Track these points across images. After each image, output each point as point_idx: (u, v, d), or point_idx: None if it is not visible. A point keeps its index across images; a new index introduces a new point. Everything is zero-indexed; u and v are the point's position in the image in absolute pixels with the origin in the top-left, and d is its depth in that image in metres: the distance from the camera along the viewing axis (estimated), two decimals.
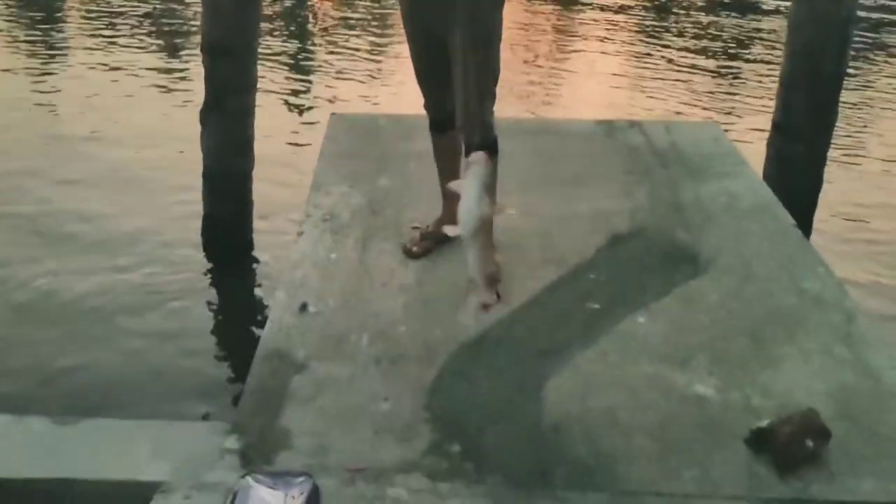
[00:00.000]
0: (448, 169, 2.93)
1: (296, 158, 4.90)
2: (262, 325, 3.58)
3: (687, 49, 8.17)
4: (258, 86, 3.94)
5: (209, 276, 3.97)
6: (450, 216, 2.94)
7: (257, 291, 3.88)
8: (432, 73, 2.76)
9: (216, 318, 3.71)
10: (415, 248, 2.93)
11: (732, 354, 2.47)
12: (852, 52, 4.32)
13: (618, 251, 3.00)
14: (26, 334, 3.44)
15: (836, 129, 4.17)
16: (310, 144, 4.99)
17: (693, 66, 7.54)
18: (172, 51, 7.43)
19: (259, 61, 3.95)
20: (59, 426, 2.29)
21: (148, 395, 3.10)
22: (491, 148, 2.63)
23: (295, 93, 6.45)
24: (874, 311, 3.32)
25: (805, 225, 3.68)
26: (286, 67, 6.96)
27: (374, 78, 6.88)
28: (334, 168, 3.56)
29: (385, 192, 3.36)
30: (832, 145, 4.20)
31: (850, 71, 4.45)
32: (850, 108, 5.93)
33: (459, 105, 2.61)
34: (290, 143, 5.32)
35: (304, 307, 2.64)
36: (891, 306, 3.71)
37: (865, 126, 6.16)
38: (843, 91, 4.11)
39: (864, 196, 4.97)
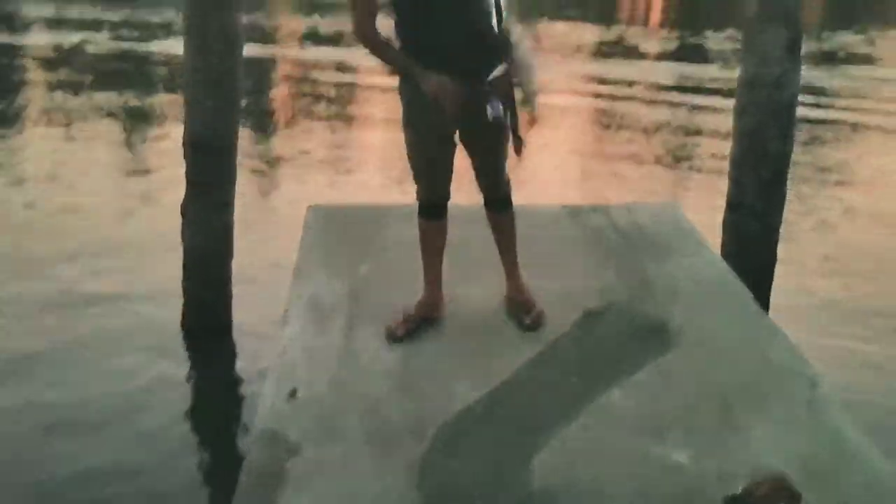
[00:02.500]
0: (434, 256, 3.12)
1: (269, 247, 5.03)
2: (241, 405, 3.71)
3: (633, 134, 8.56)
4: None
5: (191, 356, 4.06)
6: (430, 300, 3.09)
7: (238, 373, 3.97)
8: (435, 160, 2.98)
9: (198, 400, 3.77)
10: (399, 332, 3.05)
11: (704, 424, 2.61)
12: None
13: (591, 328, 3.15)
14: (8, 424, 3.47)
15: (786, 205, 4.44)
16: (284, 231, 5.15)
17: (639, 152, 7.89)
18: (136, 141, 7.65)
19: None
20: None
21: (131, 482, 3.14)
22: (508, 199, 3.14)
23: (263, 184, 6.65)
24: (833, 376, 3.49)
25: (763, 298, 3.88)
26: (254, 160, 7.16)
27: (338, 169, 7.13)
28: (315, 257, 3.69)
29: (365, 280, 3.49)
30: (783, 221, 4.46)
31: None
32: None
33: (483, 173, 3.04)
34: (262, 232, 5.46)
35: (293, 392, 2.73)
36: (848, 372, 3.91)
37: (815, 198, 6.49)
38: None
39: (816, 266, 5.24)
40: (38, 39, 12.21)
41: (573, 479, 2.36)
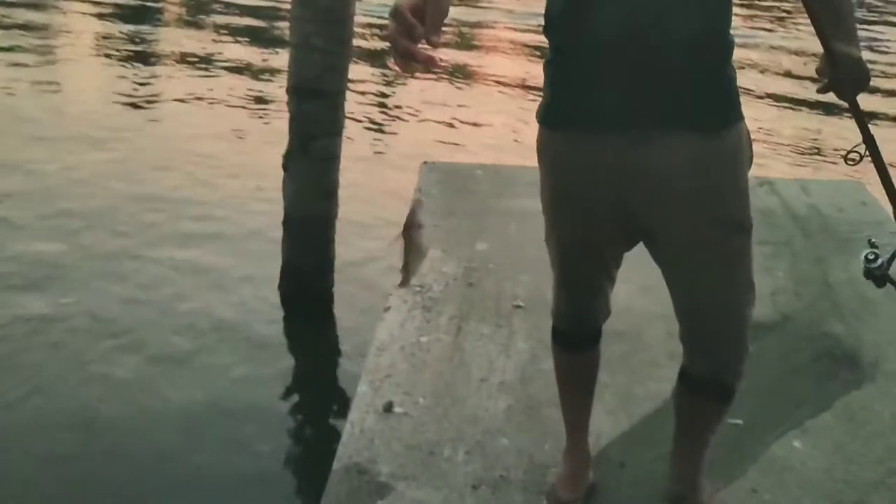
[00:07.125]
0: (578, 399, 2.04)
1: (378, 206, 4.58)
2: (336, 392, 3.33)
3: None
4: None
5: (287, 330, 3.69)
6: (575, 460, 2.04)
7: (339, 349, 3.58)
8: (583, 275, 1.89)
9: (291, 381, 3.40)
10: None
11: None
12: None
13: (759, 347, 2.51)
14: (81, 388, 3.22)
15: None
16: (394, 191, 4.67)
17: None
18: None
19: None
20: None
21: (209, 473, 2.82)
22: (731, 390, 1.81)
23: (377, 136, 6.18)
24: None
25: None
26: (368, 110, 6.68)
27: (462, 123, 6.54)
28: (426, 227, 3.18)
29: (483, 259, 2.98)
30: None
31: None
32: None
33: (691, 323, 1.76)
34: (371, 190, 5.01)
35: (389, 407, 2.26)
36: None
37: None
38: None
39: None
40: None
41: None
